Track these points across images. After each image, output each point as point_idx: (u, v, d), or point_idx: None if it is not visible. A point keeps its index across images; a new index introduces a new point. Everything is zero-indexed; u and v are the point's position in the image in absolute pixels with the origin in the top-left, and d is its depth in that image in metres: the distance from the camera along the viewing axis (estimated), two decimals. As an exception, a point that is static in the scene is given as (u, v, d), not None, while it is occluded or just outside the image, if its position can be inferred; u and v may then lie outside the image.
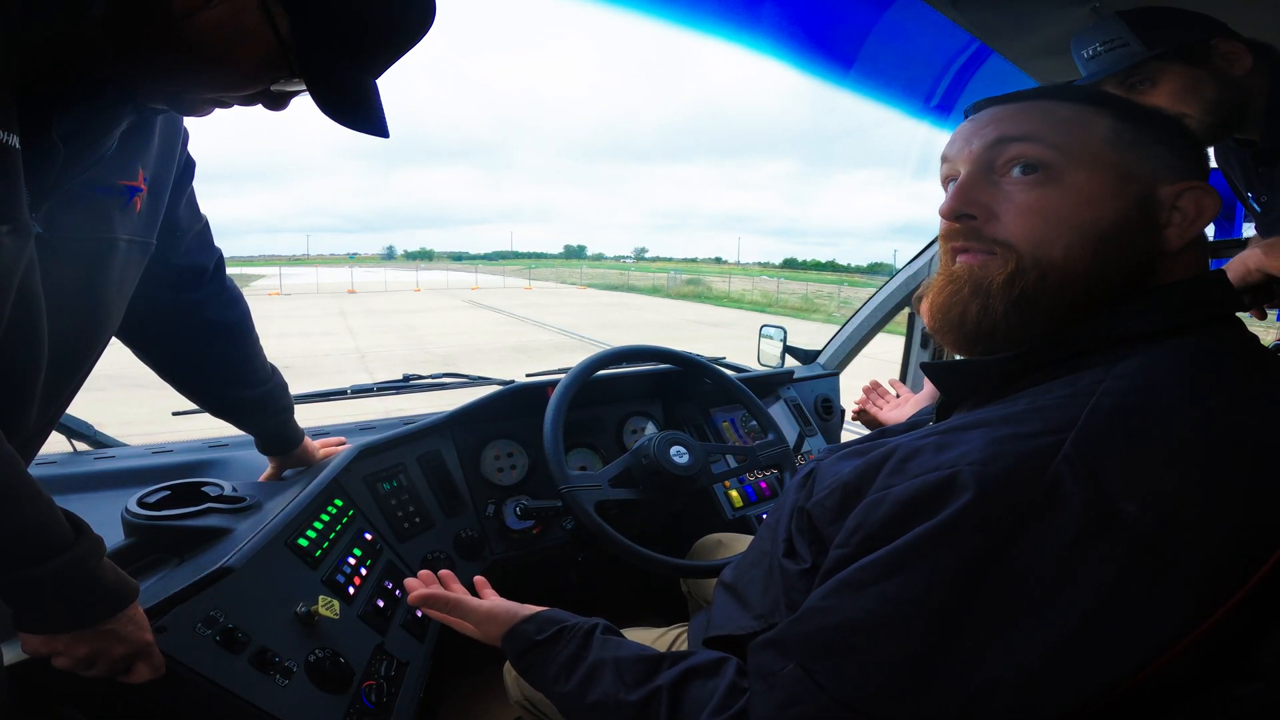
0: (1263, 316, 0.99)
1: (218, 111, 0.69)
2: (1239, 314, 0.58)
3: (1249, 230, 1.32)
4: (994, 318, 0.56)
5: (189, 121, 0.84)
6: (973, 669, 0.43)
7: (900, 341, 2.23)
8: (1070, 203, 0.54)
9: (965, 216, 0.58)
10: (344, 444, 1.29)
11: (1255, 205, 1.18)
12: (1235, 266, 0.92)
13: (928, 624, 0.44)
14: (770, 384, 1.97)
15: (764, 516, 1.21)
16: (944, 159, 0.64)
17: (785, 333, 2.12)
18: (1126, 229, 0.54)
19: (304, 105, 0.68)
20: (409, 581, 0.93)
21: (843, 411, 2.12)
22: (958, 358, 0.63)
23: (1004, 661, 0.43)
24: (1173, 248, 0.55)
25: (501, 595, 0.91)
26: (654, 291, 34.56)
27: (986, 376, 0.60)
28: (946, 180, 0.64)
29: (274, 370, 1.11)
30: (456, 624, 0.89)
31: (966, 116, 0.64)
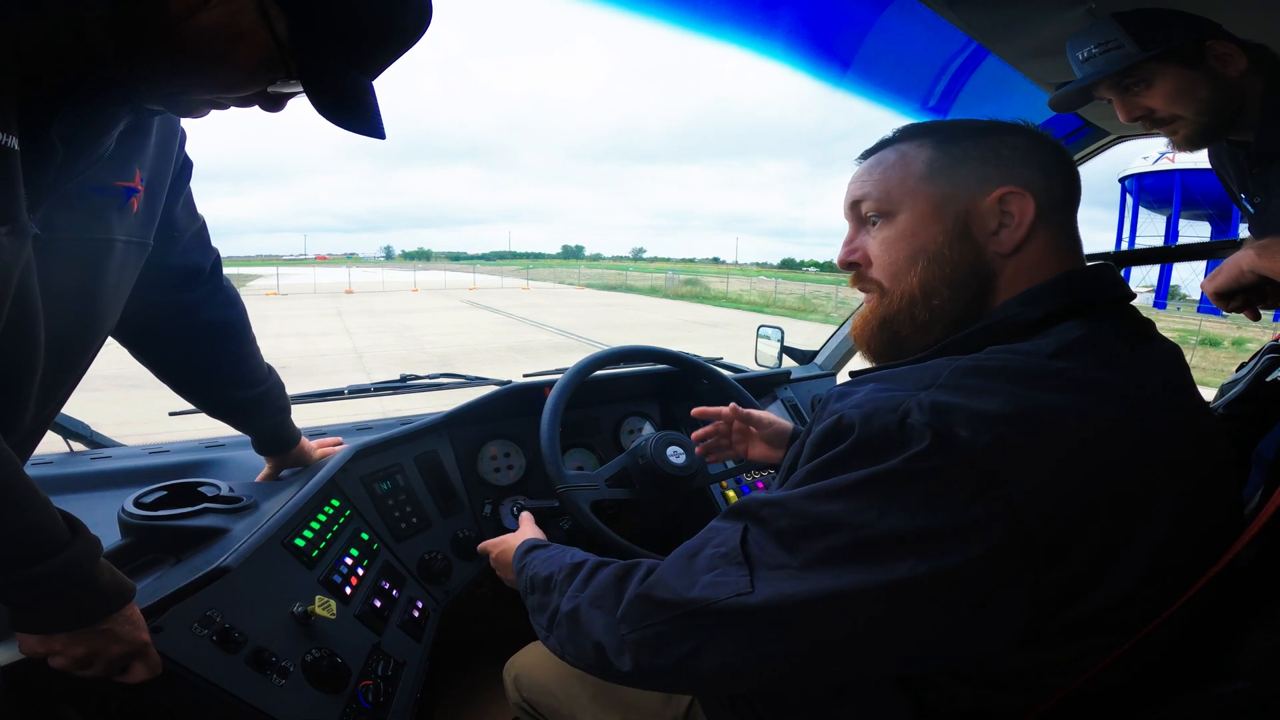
0: (1256, 317, 0.99)
1: (219, 111, 0.69)
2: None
3: (1245, 231, 1.32)
4: (900, 342, 0.67)
5: (186, 122, 0.84)
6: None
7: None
8: (903, 237, 0.65)
9: (852, 265, 0.71)
10: (341, 444, 1.29)
11: (1249, 207, 1.18)
12: (1229, 267, 0.92)
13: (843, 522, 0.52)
14: (767, 384, 1.98)
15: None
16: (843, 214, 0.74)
17: (782, 333, 2.12)
18: (950, 247, 0.63)
19: (304, 105, 0.68)
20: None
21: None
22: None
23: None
24: (1007, 249, 0.62)
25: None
26: (652, 292, 34.55)
27: None
28: None
29: (271, 370, 1.11)
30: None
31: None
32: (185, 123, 0.85)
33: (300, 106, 0.69)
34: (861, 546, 0.50)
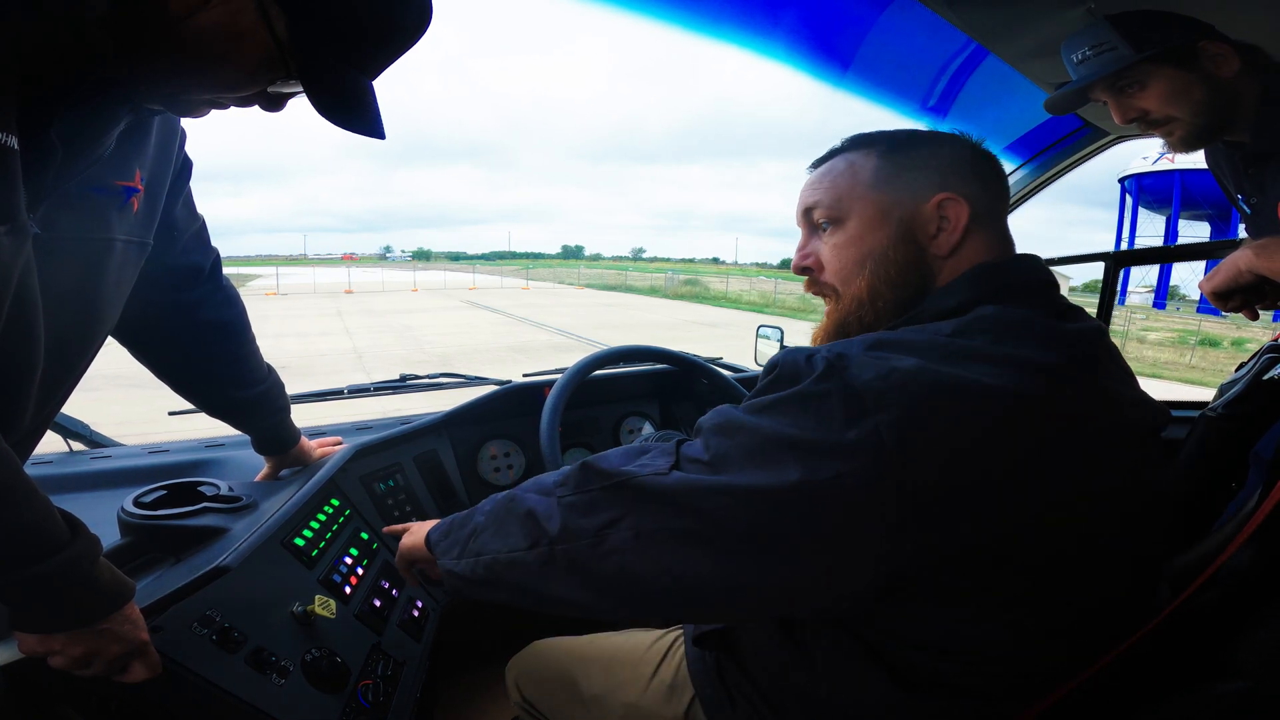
0: (1255, 317, 0.99)
1: (219, 111, 0.70)
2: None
3: (1243, 232, 1.32)
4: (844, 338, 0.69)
5: (186, 122, 0.84)
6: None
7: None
8: (852, 241, 0.71)
9: (806, 270, 0.76)
10: (340, 444, 1.29)
11: (1245, 207, 1.18)
12: (1227, 267, 0.92)
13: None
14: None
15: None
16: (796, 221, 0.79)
17: (782, 333, 2.12)
18: (895, 250, 0.68)
19: (304, 105, 0.68)
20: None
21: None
22: None
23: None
24: (944, 251, 0.68)
25: None
26: (651, 292, 34.54)
27: None
28: None
29: (270, 370, 1.11)
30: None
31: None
32: (185, 122, 0.85)
33: (300, 106, 0.69)
34: (759, 449, 0.57)
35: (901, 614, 0.60)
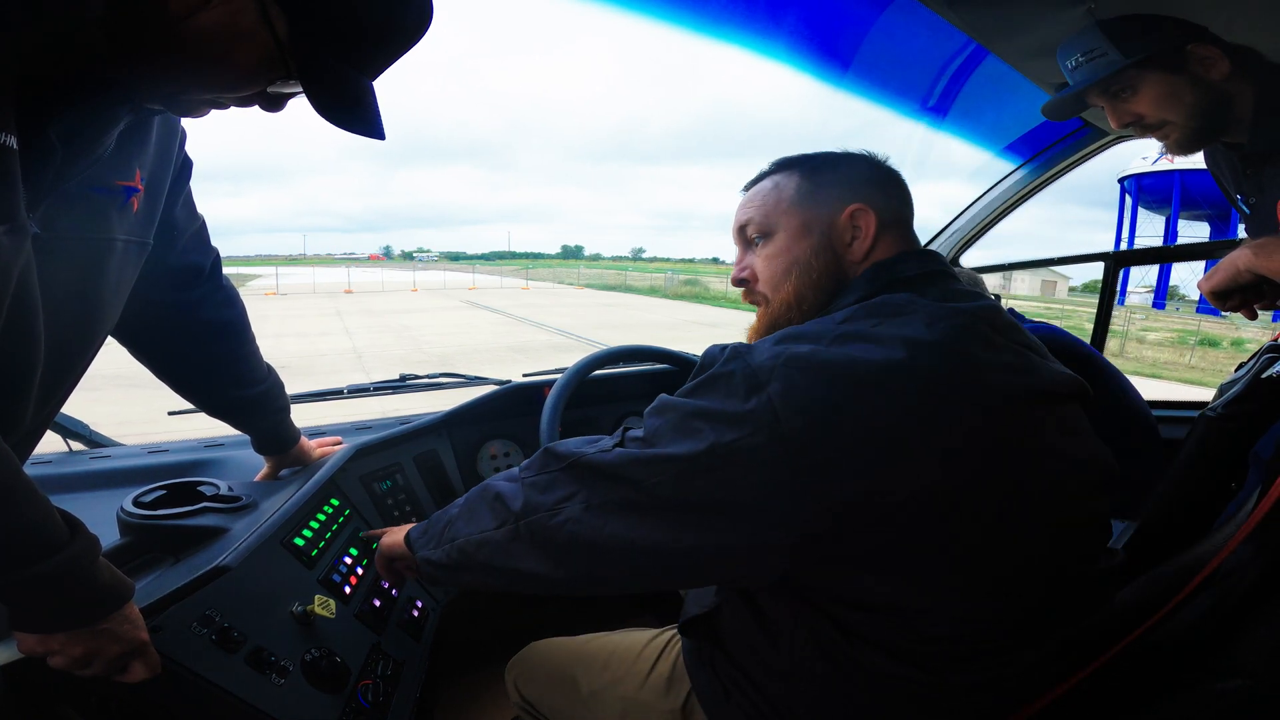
0: (1253, 316, 0.99)
1: (219, 111, 0.70)
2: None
3: (1243, 232, 1.32)
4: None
5: (186, 122, 0.84)
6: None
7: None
8: (780, 253, 0.79)
9: (743, 281, 0.84)
10: (340, 443, 1.29)
11: (1244, 207, 1.18)
12: (1225, 267, 0.92)
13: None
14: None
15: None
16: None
17: (782, 333, 2.12)
18: (817, 258, 0.77)
19: (305, 106, 0.68)
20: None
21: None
22: None
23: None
24: (858, 256, 0.76)
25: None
26: (651, 292, 34.56)
27: None
28: None
29: (270, 370, 1.11)
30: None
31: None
32: (185, 122, 0.85)
33: (300, 106, 0.69)
34: (682, 422, 0.65)
35: (844, 581, 0.66)
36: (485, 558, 0.76)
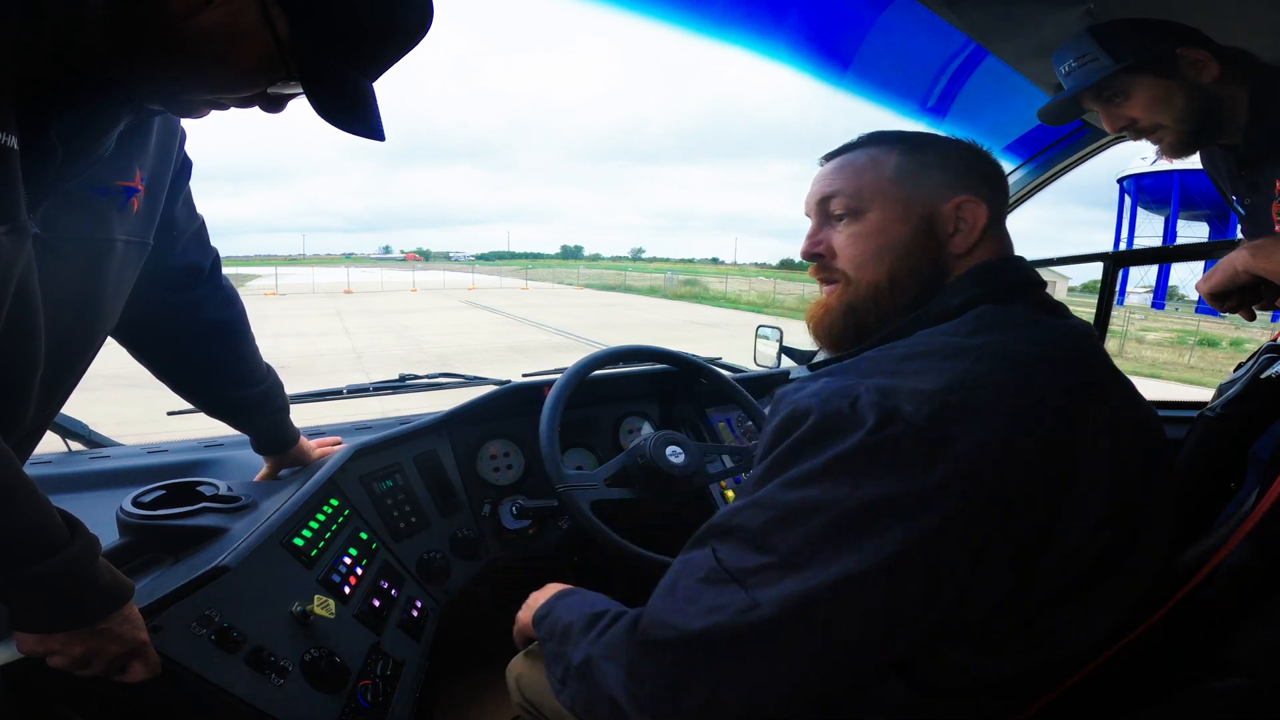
0: (1252, 317, 1.00)
1: (219, 111, 0.70)
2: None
3: (1242, 232, 1.33)
4: (862, 326, 0.72)
5: (186, 122, 0.84)
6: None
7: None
8: (871, 233, 0.71)
9: (816, 256, 0.75)
10: (340, 444, 1.29)
11: (1240, 209, 1.19)
12: (1223, 268, 0.92)
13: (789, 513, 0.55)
14: (766, 384, 1.98)
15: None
16: (805, 210, 0.79)
17: (781, 333, 2.12)
18: (916, 244, 0.69)
19: (305, 106, 0.68)
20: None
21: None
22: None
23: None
24: (961, 250, 0.69)
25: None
26: (651, 292, 34.55)
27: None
28: None
29: (270, 370, 1.11)
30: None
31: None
32: (185, 122, 0.85)
33: (301, 107, 0.69)
34: (843, 523, 0.52)
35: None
36: None
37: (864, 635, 0.52)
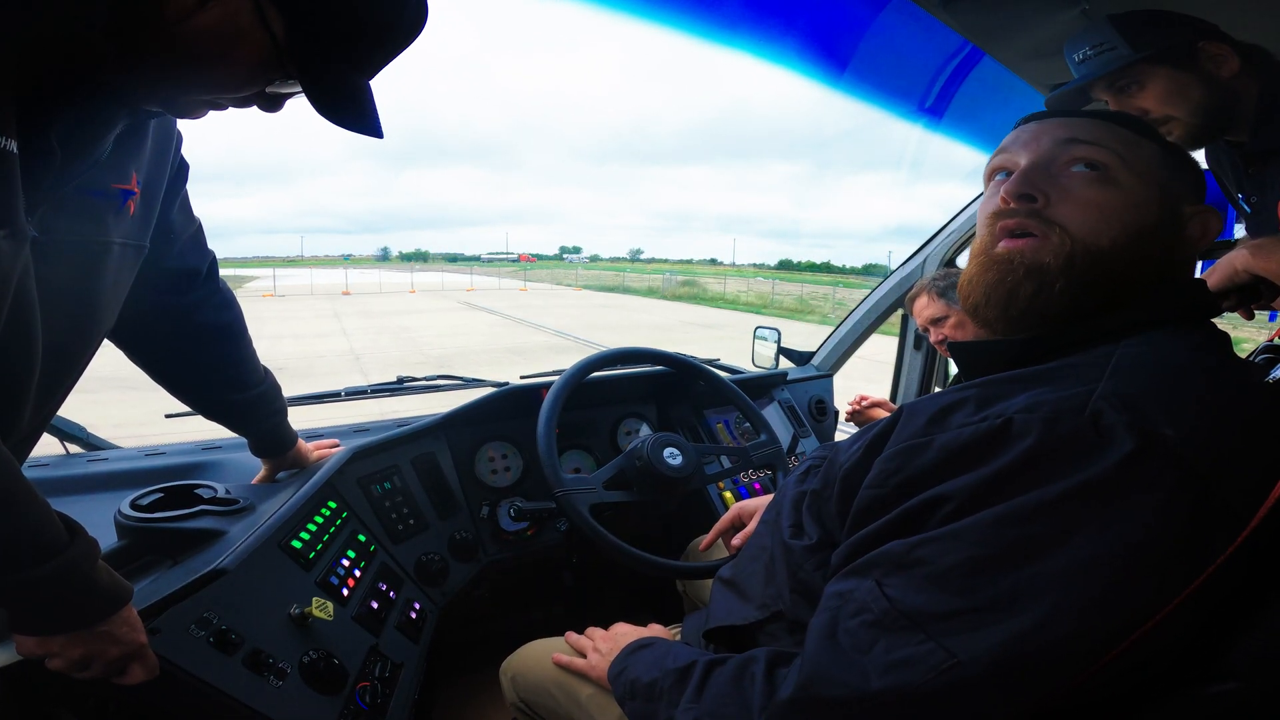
0: (1250, 317, 1.00)
1: (217, 112, 0.70)
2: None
3: (1240, 231, 1.33)
4: (1048, 297, 0.61)
5: (184, 123, 0.84)
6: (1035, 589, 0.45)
7: (893, 342, 2.24)
8: (1124, 203, 0.61)
9: (1026, 198, 0.63)
10: (338, 446, 1.29)
11: (1245, 206, 1.19)
12: (1223, 267, 0.92)
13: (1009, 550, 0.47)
14: (764, 385, 1.98)
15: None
16: (1000, 150, 0.70)
17: (779, 334, 2.12)
18: (1161, 233, 0.62)
19: (305, 106, 0.68)
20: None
21: (836, 413, 2.13)
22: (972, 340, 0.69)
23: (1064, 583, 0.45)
24: (1184, 256, 0.64)
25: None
26: (649, 293, 34.57)
27: (1005, 354, 0.64)
28: (994, 172, 0.71)
29: (267, 373, 1.11)
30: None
31: (1021, 125, 0.71)
32: (183, 123, 0.85)
33: (302, 106, 0.69)
34: (1087, 568, 0.44)
35: None
36: None
37: (1089, 681, 0.46)
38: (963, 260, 2.14)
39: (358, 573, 1.09)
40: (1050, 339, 0.62)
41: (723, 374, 1.63)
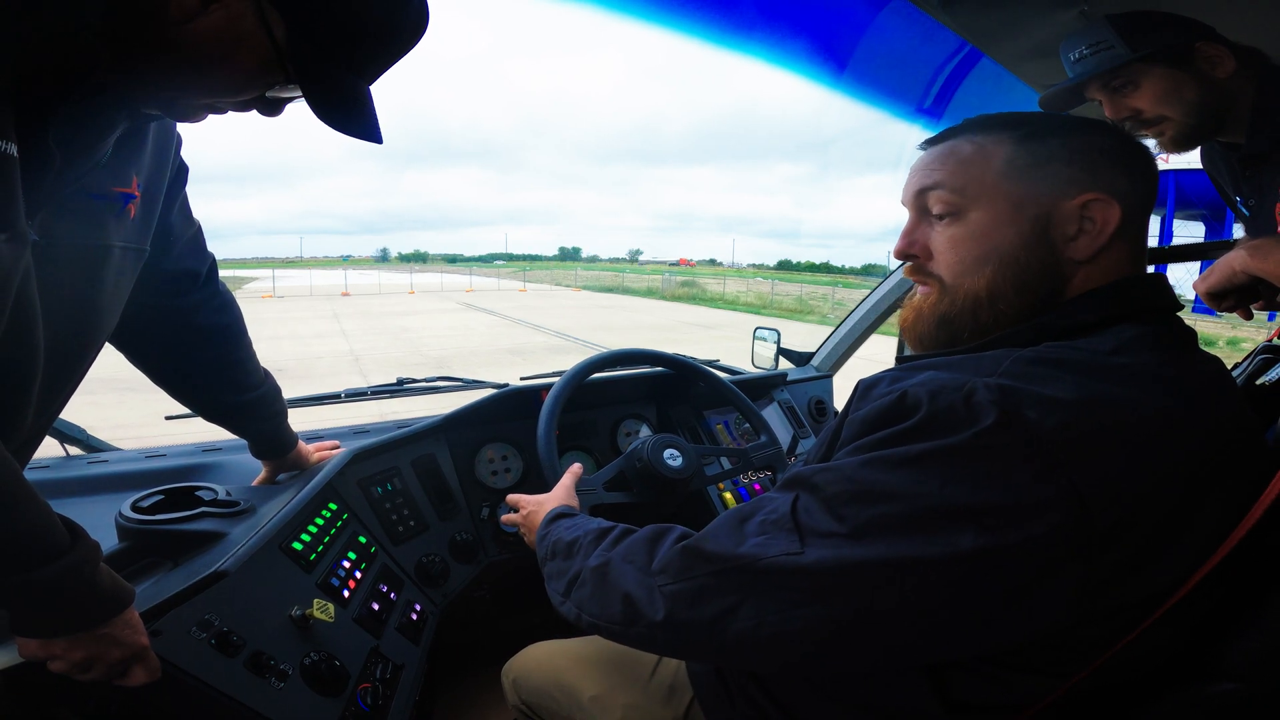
0: (1249, 317, 1.00)
1: (217, 116, 0.70)
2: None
3: (1239, 232, 1.33)
4: (963, 336, 0.65)
5: (184, 126, 0.84)
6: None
7: (893, 342, 2.24)
8: (974, 236, 0.63)
9: (910, 256, 0.68)
10: (338, 447, 1.30)
11: (1243, 208, 1.19)
12: (1221, 268, 0.92)
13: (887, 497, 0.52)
14: (764, 386, 1.98)
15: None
16: (901, 200, 0.72)
17: (779, 335, 2.12)
18: (1025, 251, 0.61)
19: (305, 109, 0.68)
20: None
21: (836, 413, 2.13)
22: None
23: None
24: (1084, 256, 0.61)
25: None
26: (649, 293, 34.54)
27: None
28: None
29: (267, 374, 1.11)
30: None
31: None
32: (183, 126, 0.85)
33: (302, 110, 0.70)
34: (918, 516, 0.49)
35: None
36: (612, 635, 0.66)
37: (892, 620, 0.50)
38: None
39: (358, 574, 1.09)
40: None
41: (722, 375, 1.63)
